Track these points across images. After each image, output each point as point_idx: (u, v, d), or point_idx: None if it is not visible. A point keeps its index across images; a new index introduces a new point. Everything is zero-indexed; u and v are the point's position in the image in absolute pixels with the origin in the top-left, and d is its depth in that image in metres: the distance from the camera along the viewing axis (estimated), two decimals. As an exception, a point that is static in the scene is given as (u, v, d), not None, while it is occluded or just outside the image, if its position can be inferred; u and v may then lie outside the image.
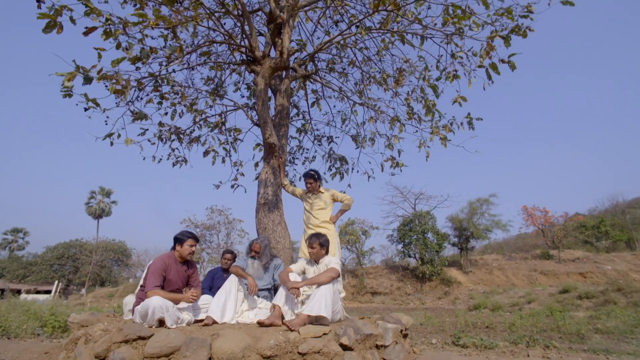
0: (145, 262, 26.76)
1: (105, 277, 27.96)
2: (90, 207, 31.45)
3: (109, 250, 27.94)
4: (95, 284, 27.84)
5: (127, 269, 29.98)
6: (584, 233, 21.66)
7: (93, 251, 27.33)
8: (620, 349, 5.70)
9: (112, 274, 28.84)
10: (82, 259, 27.52)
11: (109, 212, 31.78)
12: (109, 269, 28.60)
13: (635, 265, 18.69)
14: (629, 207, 29.45)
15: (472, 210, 24.19)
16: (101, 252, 27.72)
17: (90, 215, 31.48)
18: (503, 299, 15.94)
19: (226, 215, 23.86)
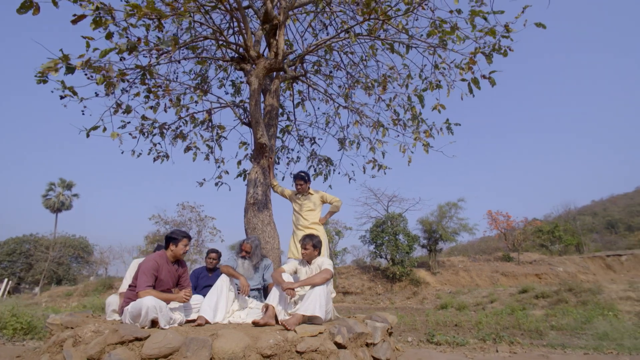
0: (109, 259, 25.43)
1: (62, 275, 26.16)
2: (49, 200, 29.30)
3: (68, 247, 26.18)
4: (51, 282, 25.99)
5: (87, 267, 28.26)
6: (541, 237, 23.33)
7: (50, 247, 25.49)
8: (574, 343, 6.27)
9: (70, 271, 27.04)
10: (37, 255, 25.57)
11: (70, 206, 29.78)
12: (67, 266, 26.79)
13: (583, 268, 20.41)
14: (579, 214, 32.09)
15: (441, 214, 25.21)
16: (59, 248, 25.92)
17: (48, 208, 29.33)
18: (468, 298, 16.81)
19: (198, 212, 23.24)
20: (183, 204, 22.77)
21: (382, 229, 25.06)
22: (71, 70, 4.07)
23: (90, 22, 3.63)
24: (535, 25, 4.78)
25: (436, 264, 25.07)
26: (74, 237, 28.16)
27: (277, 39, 4.44)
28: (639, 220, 32.57)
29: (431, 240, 25.56)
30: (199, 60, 6.29)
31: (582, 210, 36.37)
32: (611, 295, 10.92)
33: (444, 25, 5.22)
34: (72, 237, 28.04)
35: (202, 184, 6.51)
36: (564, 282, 17.07)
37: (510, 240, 23.60)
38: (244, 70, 5.67)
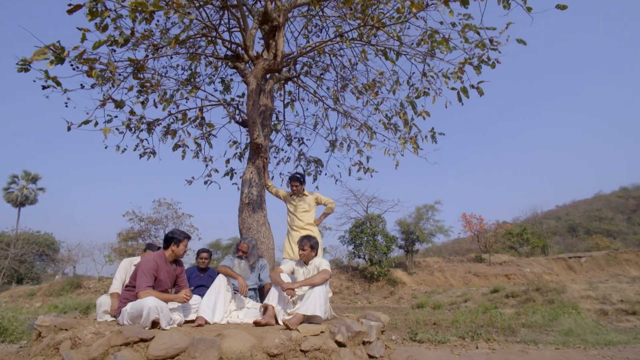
0: (78, 257, 24.19)
1: (24, 273, 24.58)
2: (11, 194, 27.43)
3: (31, 243, 24.59)
4: (12, 281, 24.37)
5: (53, 265, 26.72)
6: (510, 239, 24.56)
7: (11, 243, 23.87)
8: (544, 339, 6.71)
9: (33, 270, 25.46)
10: (-4, 252, 23.90)
11: (34, 200, 28.02)
12: (30, 264, 25.19)
13: (548, 268, 21.70)
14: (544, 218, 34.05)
15: (419, 216, 25.91)
16: (21, 245, 24.32)
17: (9, 202, 27.46)
18: (443, 298, 17.43)
19: (175, 209, 22.60)
20: (159, 200, 22.08)
21: (361, 229, 25.43)
22: (61, 60, 3.92)
23: (86, 13, 3.51)
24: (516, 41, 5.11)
25: (412, 265, 25.75)
26: (39, 233, 26.56)
27: (276, 40, 4.46)
28: (597, 225, 35.16)
29: (408, 242, 26.24)
30: (191, 56, 6.18)
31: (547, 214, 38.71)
32: (574, 295, 11.72)
33: (436, 36, 5.43)
34: (36, 233, 26.42)
35: (191, 182, 6.39)
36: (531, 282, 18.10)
37: (483, 242, 24.66)
38: (237, 69, 5.64)
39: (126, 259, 3.96)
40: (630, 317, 10.06)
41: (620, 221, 36.61)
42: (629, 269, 21.34)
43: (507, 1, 5.01)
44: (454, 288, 20.94)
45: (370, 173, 7.41)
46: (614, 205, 40.24)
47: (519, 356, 3.88)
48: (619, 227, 34.86)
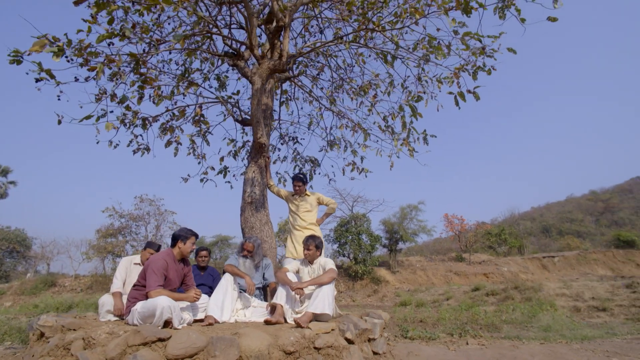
0: (52, 254, 23.18)
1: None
2: (-23, 187, 25.89)
3: (1, 239, 23.37)
4: (-22, 280, 23.08)
5: (24, 262, 25.46)
6: (490, 239, 25.46)
7: (-22, 240, 22.61)
8: (526, 335, 7.03)
9: (2, 267, 24.19)
10: (-39, 249, 22.55)
11: (5, 194, 26.56)
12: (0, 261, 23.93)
13: (524, 268, 22.66)
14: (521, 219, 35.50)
15: (403, 215, 26.41)
16: (-11, 241, 23.08)
17: (-24, 196, 25.91)
18: (426, 296, 17.90)
19: (157, 205, 22.05)
20: (141, 196, 21.47)
21: (346, 228, 25.66)
22: (61, 52, 3.80)
23: (93, 4, 3.41)
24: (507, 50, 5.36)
25: (396, 263, 26.24)
26: (9, 229, 25.24)
27: (282, 40, 4.47)
28: (568, 226, 37.07)
29: (392, 241, 26.70)
30: (189, 51, 6.08)
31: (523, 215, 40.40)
32: (549, 293, 12.34)
33: (433, 42, 5.60)
34: (6, 228, 25.10)
35: (186, 180, 6.30)
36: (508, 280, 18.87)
37: (463, 242, 25.43)
38: (237, 66, 5.60)
39: (126, 257, 3.89)
40: (600, 313, 10.71)
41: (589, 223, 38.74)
42: (597, 268, 22.61)
43: (502, 12, 5.22)
44: (436, 286, 21.52)
45: (364, 173, 7.53)
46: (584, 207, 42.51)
47: (510, 351, 4.09)
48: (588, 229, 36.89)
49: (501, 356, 3.78)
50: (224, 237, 25.96)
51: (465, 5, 4.29)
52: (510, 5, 5.13)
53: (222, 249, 26.06)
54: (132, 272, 3.79)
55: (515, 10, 5.10)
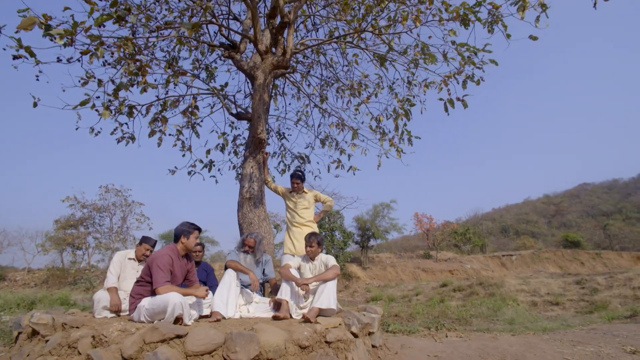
0: (2, 246, 21.26)
1: None
2: None
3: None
4: None
5: (-33, 254, 23.12)
6: (455, 238, 26.83)
7: None
8: (494, 328, 7.59)
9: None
10: None
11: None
12: (-63, 253, 21.57)
13: (485, 265, 24.16)
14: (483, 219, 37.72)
15: (375, 213, 27.07)
16: None
17: None
18: (396, 291, 18.58)
19: (124, 196, 20.94)
20: (106, 186, 20.29)
21: (319, 224, 25.88)
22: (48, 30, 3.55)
23: (95, -15, 3.21)
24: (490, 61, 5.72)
25: (367, 260, 26.92)
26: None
27: (286, 37, 4.45)
28: (524, 227, 40.08)
29: (364, 238, 27.35)
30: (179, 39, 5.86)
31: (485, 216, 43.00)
32: (510, 289, 13.31)
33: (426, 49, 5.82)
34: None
35: (174, 172, 6.08)
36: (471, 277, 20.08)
37: (431, 240, 26.58)
38: (233, 59, 5.50)
39: (120, 252, 3.73)
40: (554, 307, 11.74)
41: (542, 224, 42.10)
42: (549, 266, 24.62)
43: (491, 26, 5.54)
44: (405, 282, 22.38)
45: (352, 171, 7.68)
46: (539, 210, 46.11)
47: (491, 342, 4.43)
48: (541, 230, 40.08)
49: (484, 347, 4.09)
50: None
51: (464, 17, 4.51)
52: (498, 21, 5.45)
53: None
54: (126, 267, 3.65)
55: (502, 26, 5.43)
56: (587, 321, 8.20)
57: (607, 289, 11.38)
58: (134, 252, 3.78)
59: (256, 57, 5.50)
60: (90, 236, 20.13)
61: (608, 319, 7.58)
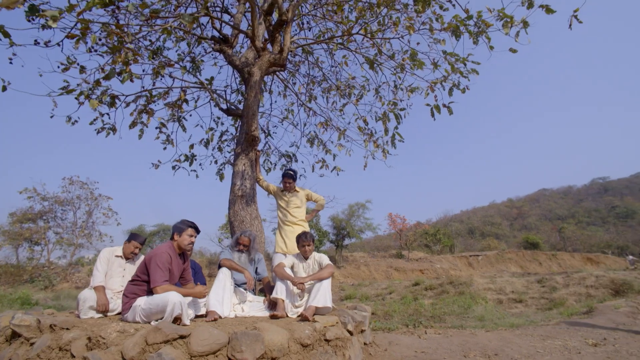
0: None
1: None
2: None
3: None
4: None
5: None
6: (427, 239, 27.81)
7: None
8: (466, 324, 7.97)
9: None
10: None
11: None
12: None
13: (454, 265, 25.23)
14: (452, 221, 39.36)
15: (351, 212, 27.45)
16: None
17: None
18: (369, 290, 18.96)
19: (90, 189, 19.79)
20: (71, 178, 19.09)
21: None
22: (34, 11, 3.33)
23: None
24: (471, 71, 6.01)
25: (341, 259, 27.25)
26: None
27: (284, 35, 4.43)
28: (489, 229, 42.39)
29: (339, 237, 27.67)
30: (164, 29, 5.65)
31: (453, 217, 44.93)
32: (479, 287, 14.02)
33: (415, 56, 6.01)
34: None
35: (157, 167, 5.85)
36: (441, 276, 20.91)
37: (404, 239, 27.37)
38: (224, 53, 5.39)
39: (106, 249, 3.55)
40: (517, 304, 12.50)
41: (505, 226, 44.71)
42: (511, 265, 26.15)
43: (476, 38, 5.81)
44: (378, 281, 22.91)
45: (337, 171, 7.76)
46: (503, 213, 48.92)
47: (471, 338, 4.67)
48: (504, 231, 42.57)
49: (466, 342, 4.31)
50: (167, 226, 24.28)
51: (456, 28, 4.71)
52: (482, 32, 5.73)
53: (163, 239, 24.34)
54: (113, 265, 3.49)
55: (486, 38, 5.71)
56: (548, 317, 8.82)
57: (565, 287, 12.30)
58: (121, 249, 3.62)
59: (249, 53, 5.42)
60: (51, 231, 18.85)
61: (567, 315, 8.20)
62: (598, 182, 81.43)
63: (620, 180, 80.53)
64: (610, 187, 74.90)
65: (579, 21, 4.72)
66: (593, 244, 33.51)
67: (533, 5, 4.90)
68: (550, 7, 4.37)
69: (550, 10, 4.37)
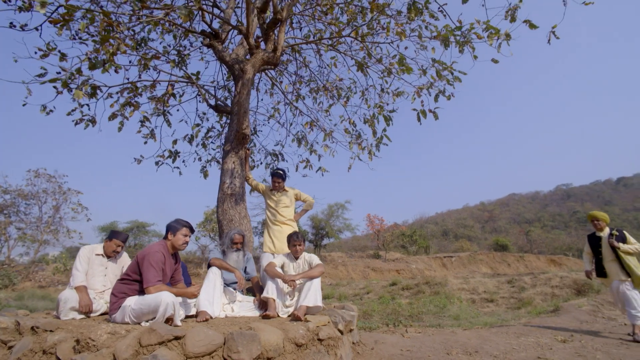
0: None
1: None
2: None
3: None
4: None
5: None
6: (403, 240, 28.45)
7: None
8: (443, 323, 8.25)
9: None
10: None
11: None
12: None
13: (429, 265, 25.96)
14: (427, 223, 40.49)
15: (330, 212, 27.60)
16: None
17: None
18: (347, 290, 19.16)
19: (58, 183, 18.74)
20: (36, 170, 17.99)
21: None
22: None
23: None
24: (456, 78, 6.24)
25: (319, 258, 27.35)
26: None
27: (278, 34, 4.40)
28: (462, 231, 44.04)
29: (318, 236, 27.76)
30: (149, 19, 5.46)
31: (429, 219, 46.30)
32: (453, 287, 14.52)
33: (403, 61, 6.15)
34: None
35: (140, 162, 5.63)
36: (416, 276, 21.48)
37: (381, 240, 27.86)
38: (214, 48, 5.29)
39: (86, 247, 3.39)
40: (489, 304, 13.06)
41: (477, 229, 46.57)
42: (482, 267, 27.25)
43: (461, 47, 6.03)
44: (355, 281, 23.17)
45: (322, 172, 7.79)
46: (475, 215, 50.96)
47: (452, 336, 4.85)
48: (476, 233, 44.35)
49: (447, 340, 4.47)
50: (141, 223, 23.38)
51: (445, 37, 4.87)
52: (468, 42, 5.95)
53: (137, 236, 23.42)
54: (93, 264, 3.34)
55: (470, 47, 5.94)
56: (517, 316, 9.29)
57: (532, 287, 12.98)
58: (101, 247, 3.47)
59: (239, 49, 5.35)
60: (13, 226, 17.68)
61: (536, 313, 8.67)
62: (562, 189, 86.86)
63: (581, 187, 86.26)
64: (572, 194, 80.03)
65: (556, 37, 5.03)
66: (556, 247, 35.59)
67: (515, 19, 5.17)
68: (532, 23, 4.61)
69: (533, 26, 4.62)
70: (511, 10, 5.17)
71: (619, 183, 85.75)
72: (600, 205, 65.69)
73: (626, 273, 4.49)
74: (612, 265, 4.61)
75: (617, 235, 4.63)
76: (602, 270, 4.72)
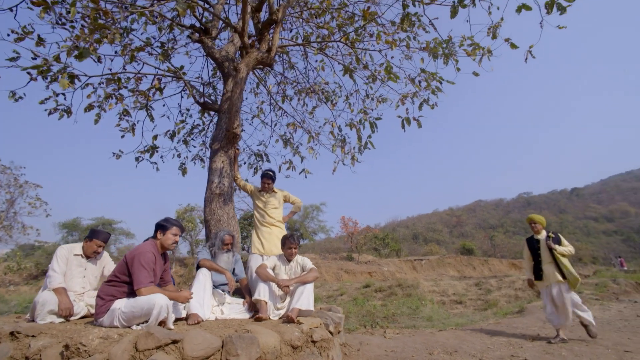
0: None
1: None
2: None
3: None
4: None
5: None
6: (376, 242, 29.00)
7: None
8: (418, 324, 8.52)
9: None
10: None
11: None
12: None
13: (400, 268, 26.64)
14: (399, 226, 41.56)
15: (305, 214, 27.60)
16: None
17: None
18: (321, 291, 19.22)
19: (15, 175, 17.37)
20: (-12, 162, 16.56)
21: (248, 222, 25.35)
22: None
23: None
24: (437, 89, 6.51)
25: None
26: None
27: (273, 35, 4.38)
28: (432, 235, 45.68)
29: (293, 238, 27.69)
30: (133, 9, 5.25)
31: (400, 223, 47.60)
32: (424, 290, 15.01)
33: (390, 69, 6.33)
34: None
35: (119, 157, 5.35)
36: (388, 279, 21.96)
37: (354, 243, 28.23)
38: (203, 44, 5.17)
39: (64, 246, 3.18)
40: (458, 305, 13.64)
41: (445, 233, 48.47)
42: (450, 270, 28.34)
43: (447, 59, 6.30)
44: (329, 283, 23.29)
45: (305, 174, 7.81)
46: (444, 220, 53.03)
47: (431, 337, 5.03)
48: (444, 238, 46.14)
49: (428, 341, 4.63)
50: (107, 220, 22.09)
51: (434, 50, 5.07)
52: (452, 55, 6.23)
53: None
54: (71, 265, 3.15)
55: (454, 60, 6.21)
56: (485, 317, 9.77)
57: (498, 289, 13.71)
58: (80, 246, 3.28)
59: (229, 47, 5.26)
60: (-42, 221, 16.16)
61: (503, 314, 9.17)
62: (523, 197, 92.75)
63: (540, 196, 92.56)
64: (532, 202, 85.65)
65: (533, 56, 5.39)
66: (517, 251, 37.80)
67: (497, 37, 5.48)
68: (514, 43, 4.90)
69: (514, 46, 4.91)
70: (493, 28, 5.49)
71: (573, 193, 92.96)
72: (555, 213, 70.72)
73: (562, 275, 4.60)
74: (549, 267, 4.73)
75: (554, 237, 4.81)
76: (540, 272, 4.81)
